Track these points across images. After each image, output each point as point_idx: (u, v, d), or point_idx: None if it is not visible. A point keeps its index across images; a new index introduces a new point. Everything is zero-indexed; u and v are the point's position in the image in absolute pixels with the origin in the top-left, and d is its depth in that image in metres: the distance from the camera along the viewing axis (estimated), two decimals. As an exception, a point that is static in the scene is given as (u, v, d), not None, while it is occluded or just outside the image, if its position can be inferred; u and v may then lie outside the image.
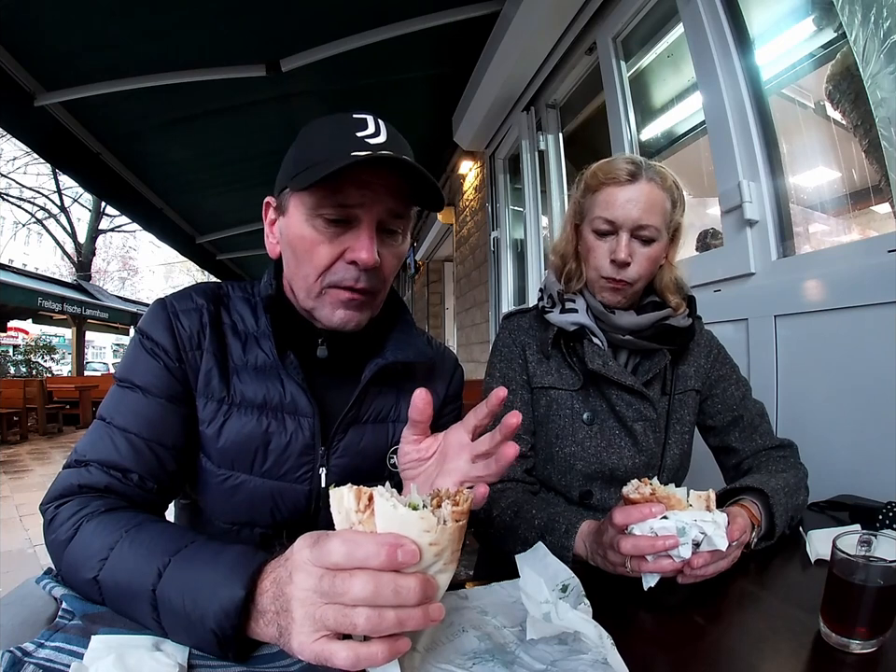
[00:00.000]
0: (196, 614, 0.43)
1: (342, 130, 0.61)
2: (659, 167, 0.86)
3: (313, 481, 0.68)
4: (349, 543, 0.37)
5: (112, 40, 2.28)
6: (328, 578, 0.38)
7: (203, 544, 0.48)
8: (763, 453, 0.89)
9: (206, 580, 0.44)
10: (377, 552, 0.36)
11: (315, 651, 0.38)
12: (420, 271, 6.72)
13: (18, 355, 11.93)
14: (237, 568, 0.44)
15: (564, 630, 0.46)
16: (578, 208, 0.92)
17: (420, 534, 0.38)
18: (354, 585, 0.36)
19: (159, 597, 0.45)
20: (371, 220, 0.61)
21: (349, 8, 2.30)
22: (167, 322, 0.66)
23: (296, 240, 0.63)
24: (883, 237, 1.06)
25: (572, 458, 0.87)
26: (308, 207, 0.61)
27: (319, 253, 0.62)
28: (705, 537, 0.56)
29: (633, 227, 0.83)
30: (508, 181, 3.42)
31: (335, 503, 0.40)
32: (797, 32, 1.40)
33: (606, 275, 0.86)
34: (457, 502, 0.40)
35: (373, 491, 0.39)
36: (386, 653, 0.37)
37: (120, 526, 0.51)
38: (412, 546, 0.37)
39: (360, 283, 0.62)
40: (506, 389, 0.49)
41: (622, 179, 0.83)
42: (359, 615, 0.37)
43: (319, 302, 0.65)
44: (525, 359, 0.92)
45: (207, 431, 0.66)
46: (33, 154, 7.89)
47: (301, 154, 0.63)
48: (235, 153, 3.51)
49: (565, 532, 0.69)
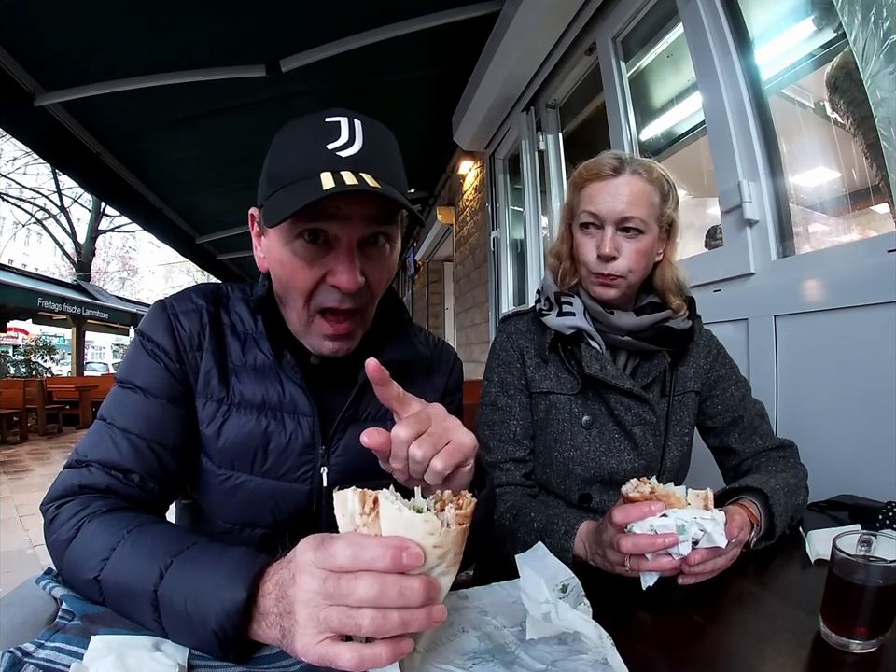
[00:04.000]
0: (198, 615, 0.43)
1: (313, 141, 0.58)
2: (646, 161, 0.86)
3: (313, 480, 0.68)
4: (354, 546, 0.38)
5: (112, 40, 2.28)
6: (332, 579, 0.38)
7: (206, 546, 0.48)
8: (762, 453, 0.89)
9: (208, 581, 0.44)
10: (382, 554, 0.37)
11: (318, 653, 0.38)
12: (420, 271, 6.72)
13: (18, 355, 11.94)
14: (239, 570, 0.44)
15: (564, 630, 0.46)
16: (568, 208, 0.92)
17: (424, 536, 0.38)
18: (359, 587, 0.37)
19: (160, 598, 0.45)
20: (350, 241, 0.58)
21: (349, 8, 2.30)
22: (167, 323, 0.66)
23: (277, 265, 0.62)
24: (883, 237, 1.06)
25: (571, 462, 0.87)
26: (285, 232, 0.59)
27: (301, 278, 0.60)
28: (704, 534, 0.56)
29: (617, 220, 0.82)
30: (508, 181, 3.42)
31: (339, 505, 0.41)
32: (797, 32, 1.40)
33: (594, 271, 0.85)
34: (461, 506, 0.40)
35: (378, 494, 0.40)
36: (390, 654, 0.37)
37: (122, 527, 0.51)
38: (416, 549, 0.37)
39: (345, 303, 0.61)
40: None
41: (605, 174, 0.83)
42: (364, 616, 0.37)
43: (309, 331, 0.64)
44: (524, 363, 0.91)
45: (207, 431, 0.66)
46: (33, 154, 7.87)
47: (273, 170, 0.61)
48: (235, 153, 3.51)
49: (564, 534, 0.69)
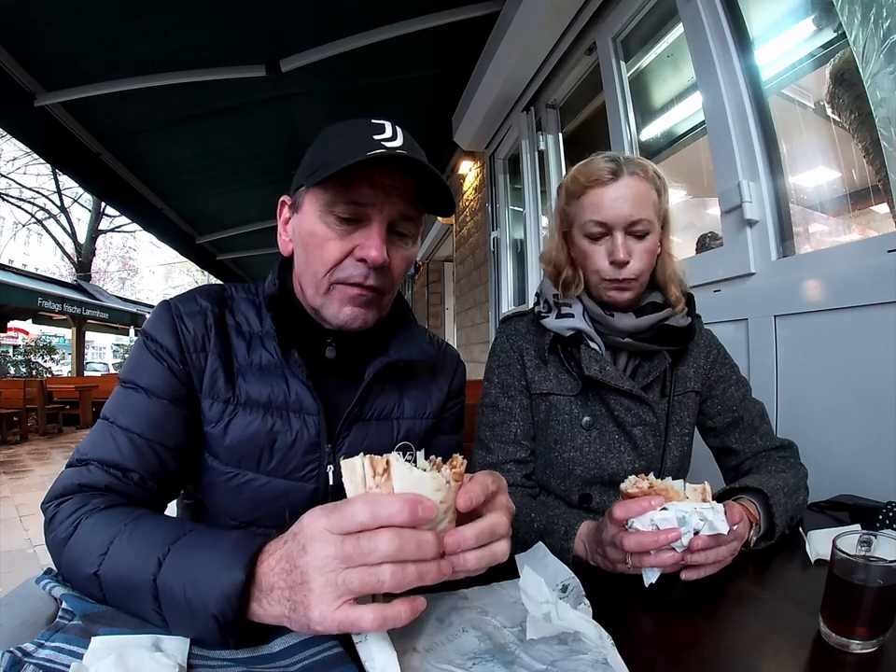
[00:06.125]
0: (198, 601, 0.43)
1: (359, 132, 0.62)
2: (637, 159, 0.85)
3: (319, 478, 0.68)
4: (373, 503, 0.39)
5: (112, 40, 2.28)
6: (350, 540, 0.39)
7: (202, 531, 0.49)
8: (763, 454, 0.88)
9: (206, 566, 0.44)
10: (400, 508, 0.38)
11: (338, 619, 0.38)
12: (420, 271, 6.72)
13: (18, 355, 11.95)
14: (237, 551, 0.44)
15: (564, 630, 0.46)
16: (563, 216, 0.90)
17: (433, 493, 0.41)
18: (380, 542, 0.38)
19: (160, 587, 0.45)
20: (382, 220, 0.62)
21: (349, 8, 2.29)
22: (171, 325, 0.66)
23: (307, 236, 0.64)
24: (883, 237, 1.06)
25: (571, 463, 0.87)
26: (322, 204, 0.62)
27: (329, 249, 0.63)
28: (705, 523, 0.56)
29: (626, 224, 0.82)
30: (508, 181, 3.42)
31: (347, 473, 0.42)
32: (797, 32, 1.40)
33: (609, 277, 0.84)
34: (454, 465, 0.44)
35: (389, 457, 0.42)
36: (409, 612, 0.39)
37: (119, 521, 0.51)
38: (430, 503, 0.39)
39: (369, 280, 0.63)
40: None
41: (604, 179, 0.82)
42: (385, 572, 0.38)
43: (327, 299, 0.66)
44: (524, 364, 0.91)
45: (213, 431, 0.66)
46: (33, 154, 7.88)
47: (318, 154, 0.64)
48: (235, 153, 3.51)
49: (564, 534, 0.70)
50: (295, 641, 0.45)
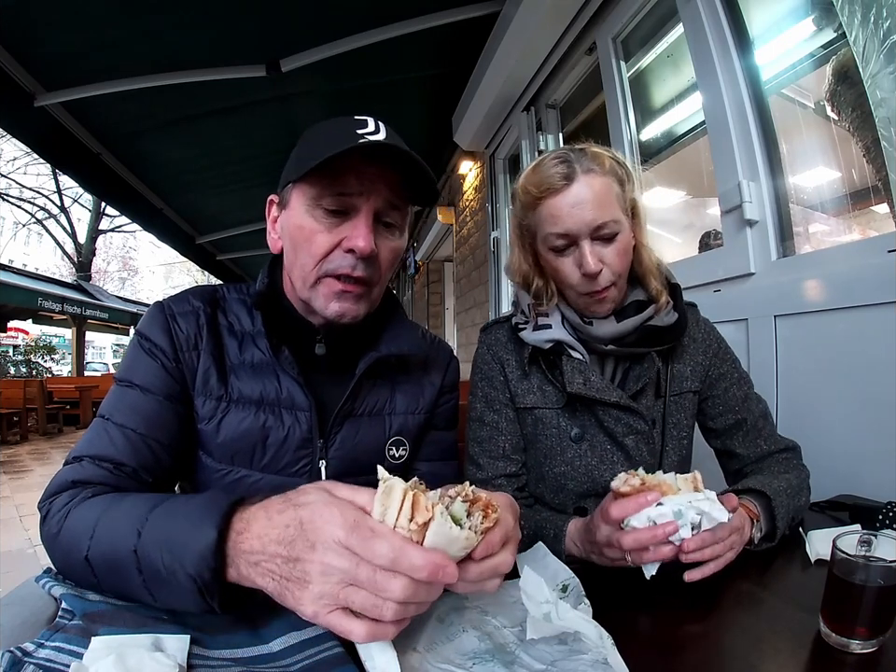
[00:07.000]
0: (175, 565, 0.43)
1: (343, 128, 0.64)
2: (592, 150, 0.78)
3: (312, 474, 0.69)
4: (398, 552, 0.38)
5: (112, 40, 2.28)
6: (367, 569, 0.38)
7: (177, 497, 0.50)
8: (766, 458, 0.86)
9: (179, 528, 0.45)
10: (423, 567, 0.38)
11: (329, 622, 0.39)
12: (420, 271, 6.72)
13: (18, 355, 11.96)
14: (209, 509, 0.44)
15: (564, 630, 0.46)
16: (522, 229, 0.85)
17: (460, 550, 0.41)
18: (395, 587, 0.38)
19: (140, 557, 0.45)
20: (368, 210, 0.63)
21: (349, 8, 2.29)
22: (165, 324, 0.67)
23: (296, 230, 0.65)
24: (883, 237, 1.06)
25: (563, 478, 0.84)
26: (309, 198, 0.63)
27: (318, 241, 0.64)
28: (703, 514, 0.56)
29: (590, 231, 0.75)
30: (508, 181, 3.41)
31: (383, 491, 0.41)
32: (797, 32, 1.40)
33: (584, 291, 0.79)
34: (489, 513, 0.42)
35: (436, 510, 0.40)
36: (398, 628, 0.40)
37: (105, 503, 0.52)
38: (453, 569, 0.39)
39: (357, 271, 0.64)
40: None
41: (557, 186, 0.75)
42: (389, 608, 0.38)
43: (314, 293, 0.66)
44: (506, 377, 0.87)
45: (206, 428, 0.67)
46: (33, 154, 7.88)
47: (303, 151, 0.65)
48: (235, 153, 3.52)
49: (554, 538, 0.69)
50: (295, 641, 0.45)
